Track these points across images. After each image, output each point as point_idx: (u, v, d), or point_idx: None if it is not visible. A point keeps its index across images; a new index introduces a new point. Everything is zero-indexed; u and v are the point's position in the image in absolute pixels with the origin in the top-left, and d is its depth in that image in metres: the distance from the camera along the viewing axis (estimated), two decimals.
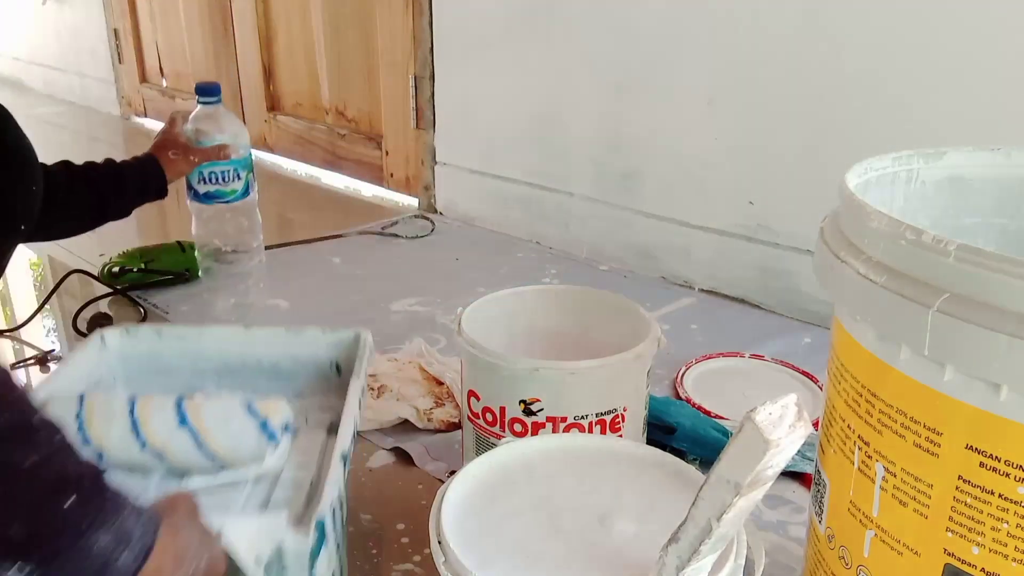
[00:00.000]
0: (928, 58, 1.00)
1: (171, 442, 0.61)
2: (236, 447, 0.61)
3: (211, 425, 0.61)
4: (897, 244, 0.39)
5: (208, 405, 0.63)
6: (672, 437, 0.81)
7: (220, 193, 1.05)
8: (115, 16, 2.62)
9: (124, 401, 0.63)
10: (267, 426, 0.61)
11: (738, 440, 0.37)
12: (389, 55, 1.72)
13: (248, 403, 0.63)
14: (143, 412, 0.61)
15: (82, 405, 0.62)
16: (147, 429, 0.61)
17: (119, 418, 0.61)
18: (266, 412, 0.62)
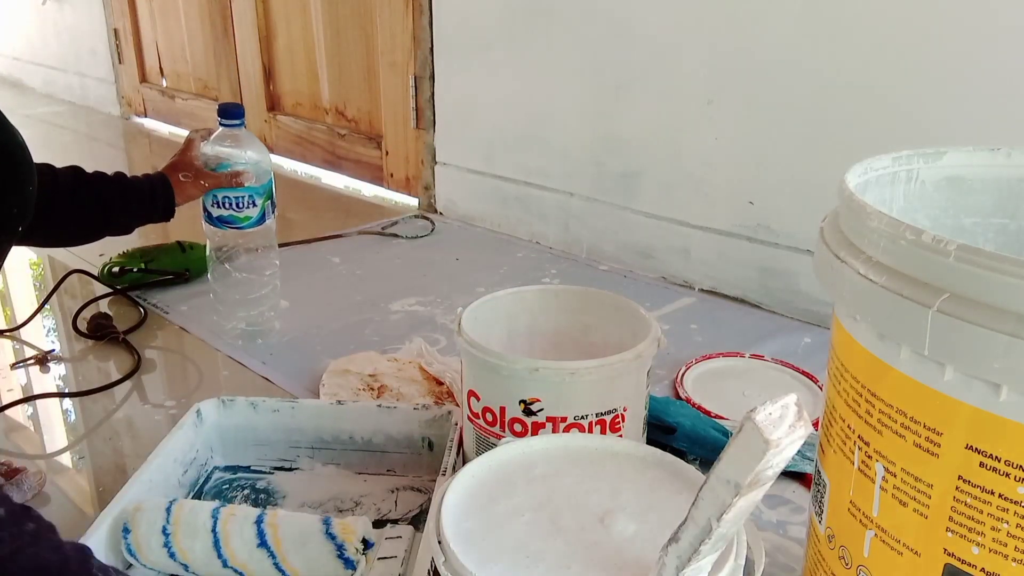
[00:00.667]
0: (928, 58, 1.00)
1: (250, 562, 0.63)
2: (312, 570, 0.63)
3: (288, 547, 0.63)
4: (897, 244, 0.39)
5: (286, 525, 0.64)
6: (672, 437, 0.81)
7: (233, 219, 1.03)
8: (115, 16, 2.62)
9: (208, 514, 0.65)
10: (343, 551, 0.62)
11: (738, 440, 0.37)
12: (389, 55, 1.72)
13: (327, 523, 0.64)
14: (224, 528, 0.64)
15: (168, 518, 0.64)
16: (228, 548, 0.63)
17: (202, 534, 0.64)
18: (344, 535, 0.63)
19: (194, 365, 1.07)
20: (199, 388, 1.02)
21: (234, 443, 0.81)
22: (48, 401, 0.99)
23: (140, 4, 2.53)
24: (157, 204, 1.06)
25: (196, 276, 1.32)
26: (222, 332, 1.13)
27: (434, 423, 0.78)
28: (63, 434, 0.94)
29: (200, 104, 2.41)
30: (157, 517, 0.65)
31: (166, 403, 0.97)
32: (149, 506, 0.66)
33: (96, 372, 1.06)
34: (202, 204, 1.04)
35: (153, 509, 0.66)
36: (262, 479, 0.79)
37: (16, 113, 0.90)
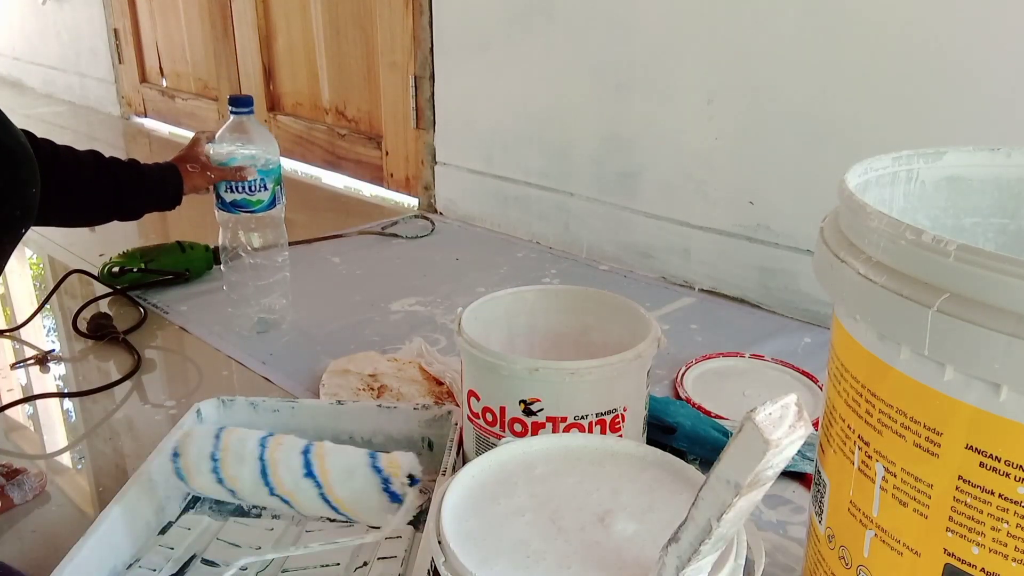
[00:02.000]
0: (928, 58, 1.00)
1: (297, 491, 0.63)
2: (358, 501, 0.63)
3: (335, 478, 0.63)
4: (897, 244, 0.39)
5: (333, 456, 0.64)
6: (672, 437, 0.81)
7: (246, 202, 1.06)
8: (115, 16, 2.62)
9: (256, 442, 0.65)
10: (390, 485, 0.62)
11: (738, 440, 0.37)
12: (389, 55, 1.72)
13: (373, 457, 0.64)
14: (272, 456, 0.64)
15: (218, 444, 0.65)
16: (275, 476, 0.63)
17: (250, 462, 0.64)
18: (390, 469, 0.63)
19: (194, 365, 1.07)
20: (199, 388, 1.02)
21: None
22: (48, 401, 0.99)
23: (140, 4, 2.53)
24: (167, 191, 1.09)
25: (196, 276, 1.32)
26: (236, 323, 1.13)
27: (434, 423, 0.78)
28: (63, 434, 0.94)
29: (200, 104, 2.41)
30: (207, 443, 0.65)
31: (166, 403, 0.97)
32: (198, 432, 0.66)
33: (96, 372, 1.06)
34: (215, 192, 1.08)
35: (202, 436, 0.66)
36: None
37: (16, 113, 0.90)
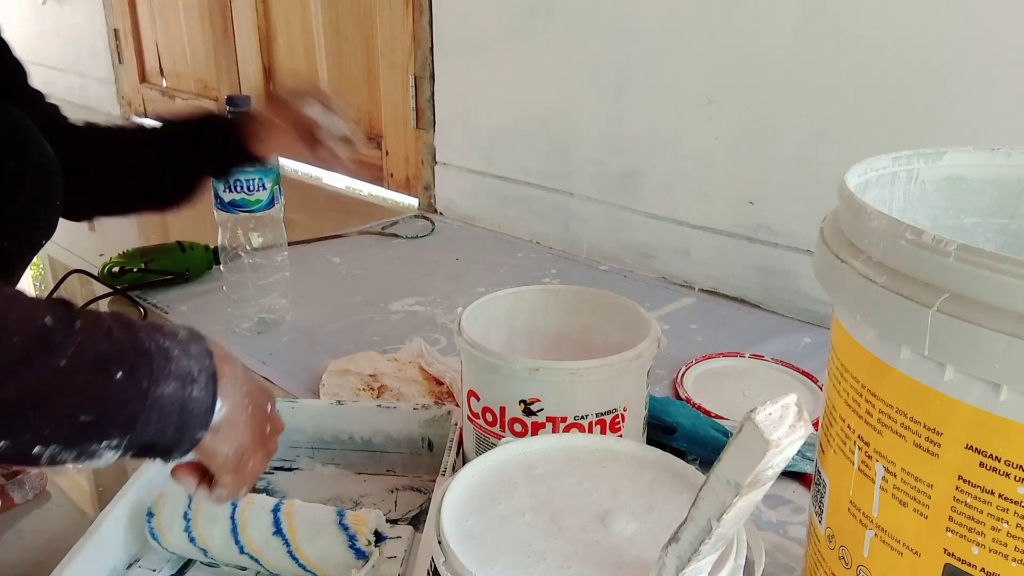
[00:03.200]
0: (928, 58, 1.00)
1: (266, 549, 0.65)
2: (324, 558, 0.64)
3: (302, 536, 0.64)
4: (897, 244, 0.39)
5: (301, 514, 0.66)
6: (672, 437, 0.81)
7: (244, 202, 1.06)
8: (115, 16, 2.62)
9: (227, 506, 0.66)
10: (355, 542, 0.63)
11: (738, 440, 0.37)
12: (389, 55, 1.72)
13: (340, 515, 0.65)
14: (243, 515, 0.66)
15: (190, 504, 0.66)
16: (245, 534, 0.65)
17: (221, 520, 0.65)
18: (356, 526, 0.64)
19: None
20: None
21: None
22: None
23: (140, 4, 2.53)
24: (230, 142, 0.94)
25: (196, 276, 1.32)
26: (236, 323, 1.13)
27: (434, 423, 0.78)
28: None
29: (200, 104, 2.41)
30: (179, 503, 0.66)
31: None
32: (173, 492, 0.67)
33: None
34: (213, 190, 1.07)
35: (176, 495, 0.67)
36: (262, 479, 0.79)
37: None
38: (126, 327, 0.49)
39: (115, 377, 0.45)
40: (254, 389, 0.56)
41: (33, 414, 0.43)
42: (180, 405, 0.48)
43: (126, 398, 0.46)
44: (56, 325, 0.45)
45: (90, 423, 0.45)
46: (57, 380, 0.44)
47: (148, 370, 0.47)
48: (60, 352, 0.44)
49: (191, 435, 0.50)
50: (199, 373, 0.50)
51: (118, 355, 0.46)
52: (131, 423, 0.46)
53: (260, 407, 0.56)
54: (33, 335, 0.43)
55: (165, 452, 0.50)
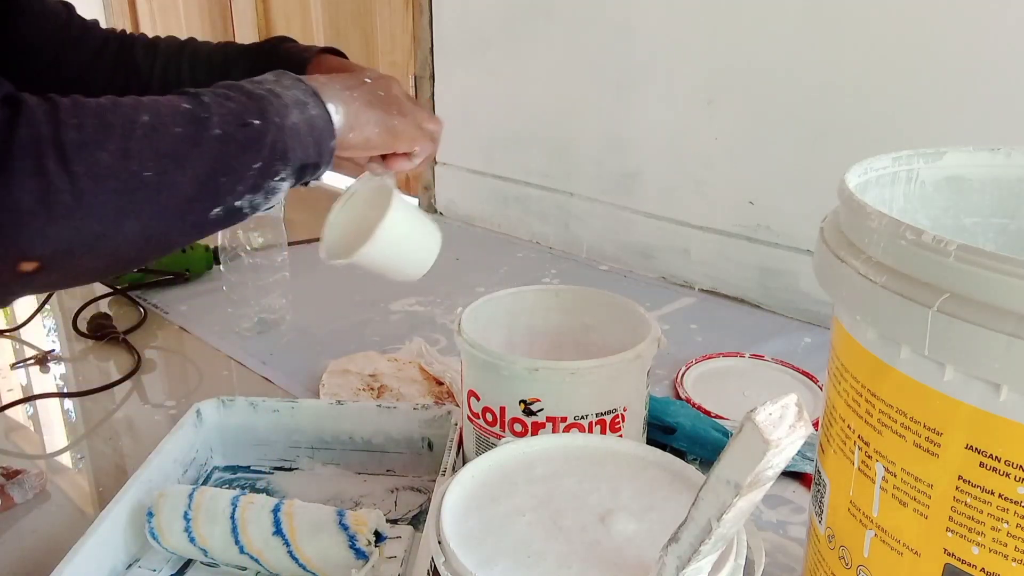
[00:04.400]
0: (928, 58, 1.00)
1: (266, 549, 0.65)
2: (324, 558, 0.64)
3: (302, 536, 0.64)
4: (897, 244, 0.39)
5: (301, 514, 0.66)
6: (672, 437, 0.81)
7: None
8: (115, 16, 2.62)
9: (228, 502, 0.67)
10: (355, 542, 0.64)
11: (738, 440, 0.37)
12: (389, 55, 1.72)
13: (340, 515, 0.65)
14: (243, 515, 0.66)
15: (190, 504, 0.66)
16: (245, 534, 0.65)
17: (221, 520, 0.66)
18: (356, 527, 0.64)
19: (194, 365, 1.07)
20: (199, 388, 1.02)
21: (234, 443, 0.81)
22: (48, 401, 0.99)
23: (140, 4, 2.53)
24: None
25: (196, 276, 1.32)
26: (236, 323, 1.13)
27: (434, 423, 0.78)
28: (63, 434, 0.94)
29: None
30: (179, 503, 0.66)
31: (166, 403, 0.97)
32: (172, 492, 0.68)
33: (96, 372, 1.06)
34: None
35: (176, 495, 0.67)
36: (262, 479, 0.79)
37: None
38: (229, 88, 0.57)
39: (256, 124, 0.55)
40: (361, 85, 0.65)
41: (225, 178, 0.54)
42: (308, 124, 0.58)
43: (272, 137, 0.56)
44: (194, 104, 0.54)
45: (261, 167, 0.56)
46: (223, 144, 0.54)
47: (273, 109, 0.56)
48: (210, 124, 0.53)
49: (327, 144, 0.60)
50: (304, 95, 0.59)
51: (245, 109, 0.55)
52: (284, 154, 0.57)
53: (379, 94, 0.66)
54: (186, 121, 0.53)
55: (316, 167, 0.60)
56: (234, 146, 0.54)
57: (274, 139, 0.56)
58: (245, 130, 0.55)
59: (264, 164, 0.56)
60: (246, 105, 0.56)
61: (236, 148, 0.54)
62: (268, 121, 0.56)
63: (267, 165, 0.56)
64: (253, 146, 0.55)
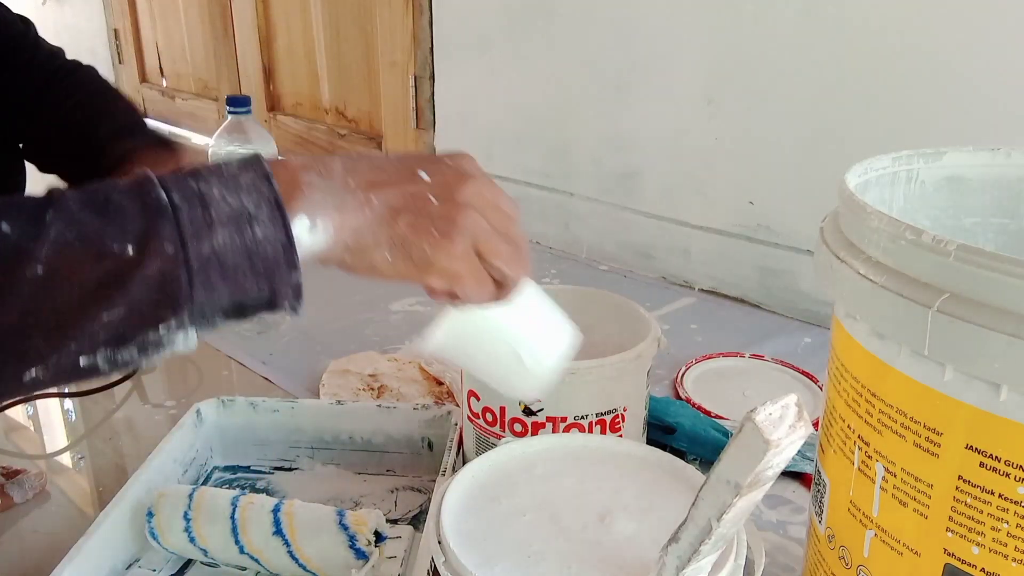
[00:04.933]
0: (928, 58, 1.00)
1: (266, 549, 0.64)
2: (325, 559, 0.64)
3: (302, 536, 0.64)
4: (897, 244, 0.39)
5: (301, 514, 0.65)
6: (672, 437, 0.81)
7: None
8: (115, 16, 2.62)
9: (228, 502, 0.66)
10: (355, 542, 0.63)
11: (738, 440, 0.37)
12: (389, 55, 1.72)
13: (340, 515, 0.65)
14: (243, 516, 0.65)
15: (191, 504, 0.66)
16: (245, 534, 0.65)
17: (221, 520, 0.65)
18: (356, 527, 0.64)
19: (194, 365, 1.07)
20: (199, 388, 1.02)
21: (234, 443, 0.81)
22: (48, 401, 0.99)
23: (140, 4, 2.53)
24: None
25: None
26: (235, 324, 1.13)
27: (434, 423, 0.78)
28: (63, 434, 0.94)
29: (200, 104, 2.41)
30: (180, 503, 0.66)
31: (166, 403, 0.97)
32: (172, 492, 0.67)
33: None
34: None
35: (176, 495, 0.67)
36: (262, 479, 0.79)
37: None
38: (136, 186, 0.40)
39: (123, 256, 0.38)
40: (383, 184, 0.44)
41: (42, 334, 0.37)
42: (245, 253, 0.40)
43: (150, 273, 0.38)
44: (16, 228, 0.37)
45: (122, 317, 0.38)
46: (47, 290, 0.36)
47: (172, 229, 0.38)
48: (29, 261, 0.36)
49: (284, 279, 0.41)
50: (257, 206, 0.40)
51: (117, 228, 0.38)
52: (177, 298, 0.39)
53: (396, 186, 0.44)
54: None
55: (269, 305, 0.42)
56: (65, 290, 0.37)
57: (153, 276, 0.38)
58: (97, 264, 0.37)
59: (127, 314, 0.38)
60: (125, 222, 0.38)
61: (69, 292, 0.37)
62: (150, 249, 0.38)
63: (136, 315, 0.38)
64: (105, 288, 0.37)
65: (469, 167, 0.46)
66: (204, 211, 0.39)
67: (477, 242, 0.45)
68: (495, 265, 0.46)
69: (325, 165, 0.44)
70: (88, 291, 0.37)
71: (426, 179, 0.45)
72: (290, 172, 0.42)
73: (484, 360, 0.53)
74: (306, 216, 0.42)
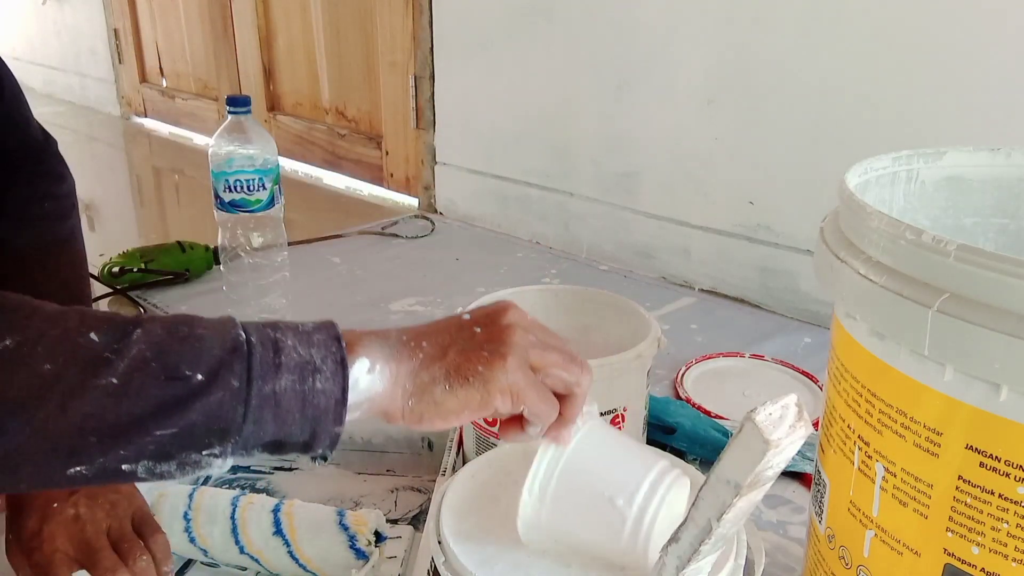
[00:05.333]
0: (928, 58, 1.00)
1: (266, 549, 0.64)
2: (325, 559, 0.64)
3: (302, 536, 0.64)
4: (897, 244, 0.39)
5: (301, 515, 0.66)
6: (672, 437, 0.81)
7: (245, 202, 1.06)
8: (115, 16, 2.62)
9: (228, 502, 0.66)
10: (355, 542, 0.64)
11: (738, 440, 0.37)
12: (389, 55, 1.72)
13: (340, 515, 0.65)
14: (243, 516, 0.65)
15: (190, 504, 0.66)
16: (245, 534, 0.65)
17: (221, 520, 0.65)
18: (356, 527, 0.64)
19: None
20: None
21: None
22: None
23: (140, 4, 2.53)
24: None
25: (196, 276, 1.32)
26: None
27: None
28: None
29: (200, 104, 2.41)
30: (179, 503, 0.66)
31: None
32: (172, 492, 0.67)
33: None
34: (214, 191, 1.08)
35: (176, 495, 0.67)
36: (262, 479, 0.79)
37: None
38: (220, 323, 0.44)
39: (192, 382, 0.40)
40: (421, 328, 0.48)
41: (97, 438, 0.39)
42: (300, 400, 0.42)
43: (214, 402, 0.40)
44: (103, 339, 0.40)
45: (174, 436, 0.40)
46: (114, 399, 0.39)
47: (243, 367, 0.41)
48: (107, 370, 0.39)
49: (327, 429, 0.43)
50: (323, 361, 0.43)
51: (194, 356, 0.41)
52: (228, 429, 0.41)
53: (443, 331, 0.47)
54: (72, 358, 0.39)
55: (304, 448, 0.44)
56: (131, 403, 0.39)
57: (216, 405, 0.40)
58: (167, 384, 0.40)
59: (180, 433, 0.40)
60: (201, 352, 0.41)
61: (133, 406, 0.39)
62: (220, 381, 0.41)
63: (187, 436, 0.40)
64: (166, 409, 0.40)
65: (507, 303, 0.50)
66: (275, 355, 0.42)
67: (529, 356, 0.46)
68: (552, 374, 0.47)
69: (383, 332, 0.47)
70: (151, 407, 0.40)
71: (468, 318, 0.48)
72: (355, 333, 0.46)
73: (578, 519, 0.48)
74: (367, 359, 0.44)
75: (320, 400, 0.43)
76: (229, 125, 1.07)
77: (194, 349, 0.41)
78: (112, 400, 0.39)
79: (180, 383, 0.40)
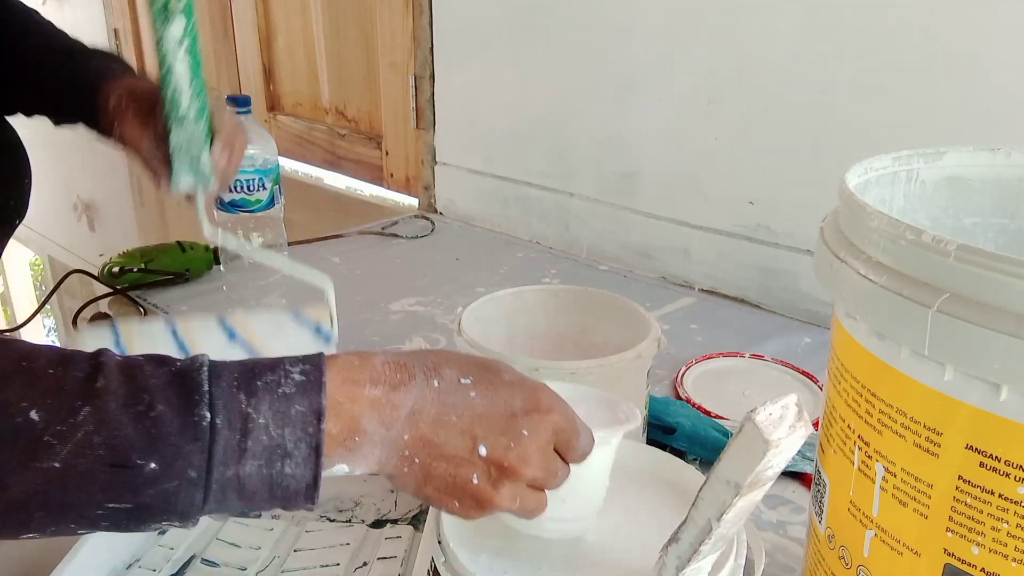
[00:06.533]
0: (928, 58, 1.00)
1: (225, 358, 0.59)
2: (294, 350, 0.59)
3: (263, 337, 0.59)
4: (897, 244, 0.39)
5: (255, 319, 0.60)
6: (672, 437, 0.81)
7: (245, 202, 1.06)
8: (115, 16, 2.62)
9: (163, 325, 0.60)
10: (321, 330, 0.59)
11: (738, 440, 0.37)
12: (389, 55, 1.72)
13: (295, 312, 0.61)
14: (187, 334, 0.59)
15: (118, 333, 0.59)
16: (196, 350, 0.56)
17: (162, 341, 0.58)
18: (317, 317, 0.60)
19: None
20: None
21: None
22: None
23: (140, 4, 2.53)
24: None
25: (196, 276, 1.32)
26: None
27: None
28: None
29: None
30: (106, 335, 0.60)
31: None
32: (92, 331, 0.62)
33: None
34: None
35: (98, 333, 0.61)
36: None
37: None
38: (186, 394, 0.39)
39: (143, 470, 0.37)
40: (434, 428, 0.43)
41: (44, 512, 0.37)
42: (267, 483, 0.39)
43: (168, 490, 0.38)
44: (44, 419, 0.36)
45: (127, 512, 0.38)
46: (58, 481, 0.36)
47: (202, 457, 0.38)
48: (48, 455, 0.36)
49: (299, 505, 0.41)
50: (296, 445, 0.39)
51: (146, 443, 0.37)
52: (187, 512, 0.39)
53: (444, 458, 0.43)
54: (10, 439, 0.36)
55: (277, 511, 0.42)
56: (77, 483, 0.37)
57: (171, 493, 0.38)
58: (114, 472, 0.37)
59: (135, 510, 0.38)
60: (155, 437, 0.37)
61: (80, 485, 0.37)
62: (173, 471, 0.38)
63: (143, 513, 0.38)
64: (118, 491, 0.37)
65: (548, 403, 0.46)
66: (242, 438, 0.39)
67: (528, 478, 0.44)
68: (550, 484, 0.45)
69: (396, 404, 0.42)
70: (99, 488, 0.37)
71: (482, 454, 0.43)
72: (353, 415, 0.41)
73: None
74: (346, 465, 0.42)
75: (290, 483, 0.40)
76: None
77: (148, 435, 0.37)
78: (57, 481, 0.37)
79: (129, 471, 0.37)
